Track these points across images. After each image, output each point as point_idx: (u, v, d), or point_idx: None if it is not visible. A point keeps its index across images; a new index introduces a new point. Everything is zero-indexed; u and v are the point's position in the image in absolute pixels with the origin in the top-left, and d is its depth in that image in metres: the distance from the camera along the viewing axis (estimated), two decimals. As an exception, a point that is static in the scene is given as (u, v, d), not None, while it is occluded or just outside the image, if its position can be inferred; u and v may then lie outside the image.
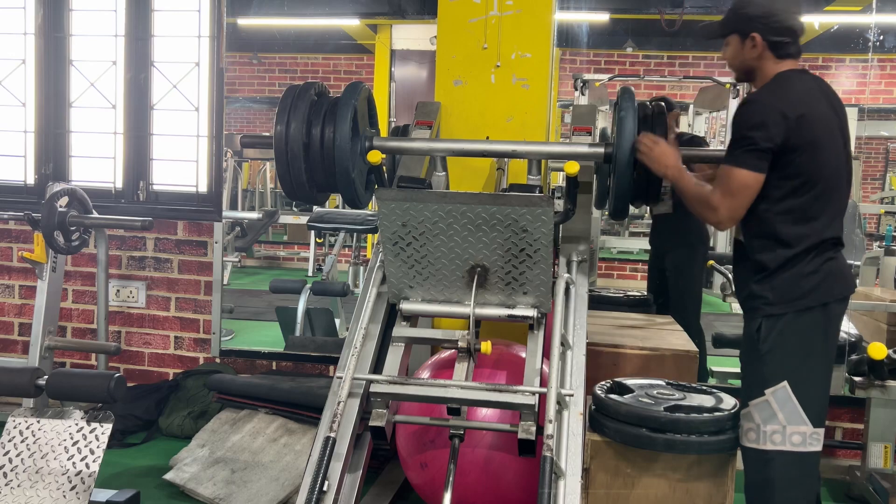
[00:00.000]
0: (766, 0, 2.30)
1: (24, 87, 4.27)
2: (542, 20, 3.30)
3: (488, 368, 2.63)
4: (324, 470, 2.08)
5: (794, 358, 2.24)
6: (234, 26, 6.96)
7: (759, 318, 2.27)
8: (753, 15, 2.30)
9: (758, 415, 2.26)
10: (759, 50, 2.30)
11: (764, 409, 2.25)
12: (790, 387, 2.23)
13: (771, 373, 2.25)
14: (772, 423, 2.24)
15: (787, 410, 2.22)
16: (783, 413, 2.23)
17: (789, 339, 2.24)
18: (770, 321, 2.25)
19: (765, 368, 2.26)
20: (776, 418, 2.23)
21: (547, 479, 1.91)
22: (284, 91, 2.66)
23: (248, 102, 10.08)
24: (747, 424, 2.29)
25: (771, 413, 2.24)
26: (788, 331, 2.24)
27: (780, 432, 2.23)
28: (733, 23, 2.35)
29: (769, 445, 2.24)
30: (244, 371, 4.14)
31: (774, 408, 2.23)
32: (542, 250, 2.19)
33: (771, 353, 2.25)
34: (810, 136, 2.20)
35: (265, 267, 8.84)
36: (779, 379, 2.23)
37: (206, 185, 4.17)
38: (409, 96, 7.84)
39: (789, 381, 2.23)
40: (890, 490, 3.18)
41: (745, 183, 2.22)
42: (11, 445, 2.68)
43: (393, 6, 6.59)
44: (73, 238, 3.51)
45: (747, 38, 2.31)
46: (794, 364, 2.24)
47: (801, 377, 2.24)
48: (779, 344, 2.24)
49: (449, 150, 2.82)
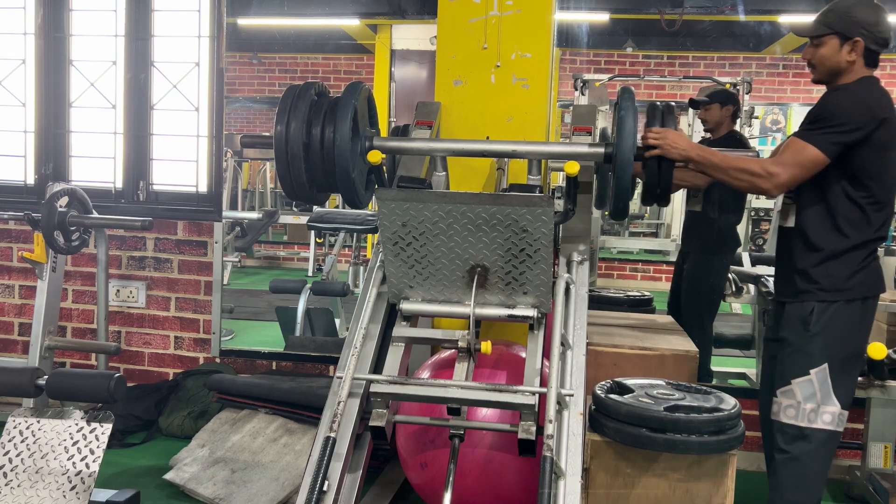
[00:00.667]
0: (873, 9, 2.40)
1: (24, 87, 4.27)
2: (542, 20, 3.30)
3: (488, 368, 2.63)
4: (324, 470, 2.07)
5: (838, 343, 2.41)
6: (234, 26, 6.95)
7: (811, 303, 2.42)
8: (861, 20, 2.37)
9: (800, 392, 2.41)
10: (856, 55, 2.39)
11: (806, 388, 2.41)
12: (829, 369, 2.39)
13: (818, 353, 2.41)
14: (811, 401, 2.40)
15: (823, 390, 2.40)
16: (821, 392, 2.40)
17: (836, 325, 2.41)
18: (822, 306, 2.41)
19: (812, 349, 2.41)
20: (815, 397, 2.40)
21: (547, 479, 1.91)
22: (284, 91, 2.66)
23: (248, 102, 10.09)
24: (787, 401, 2.44)
25: (812, 392, 2.40)
26: (837, 317, 2.41)
27: (816, 411, 2.40)
28: (838, 24, 2.40)
29: (805, 422, 2.41)
30: (244, 371, 4.14)
31: (816, 387, 2.40)
32: (542, 250, 2.19)
33: (819, 336, 2.41)
34: (889, 138, 2.35)
35: (265, 267, 8.85)
36: (822, 360, 2.40)
37: (206, 185, 4.17)
38: (409, 96, 7.84)
39: (829, 363, 2.40)
40: (890, 490, 3.18)
41: (815, 160, 2.34)
42: (11, 445, 2.68)
43: (393, 6, 6.59)
44: (73, 238, 3.51)
45: (848, 41, 2.38)
46: (836, 348, 2.41)
47: (839, 361, 2.41)
48: (828, 328, 2.41)
49: (449, 150, 2.82)
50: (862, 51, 2.38)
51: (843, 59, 2.40)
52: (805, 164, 2.34)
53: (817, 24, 2.43)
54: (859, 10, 2.37)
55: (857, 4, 2.38)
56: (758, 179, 2.38)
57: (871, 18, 2.37)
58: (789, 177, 2.36)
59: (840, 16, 2.39)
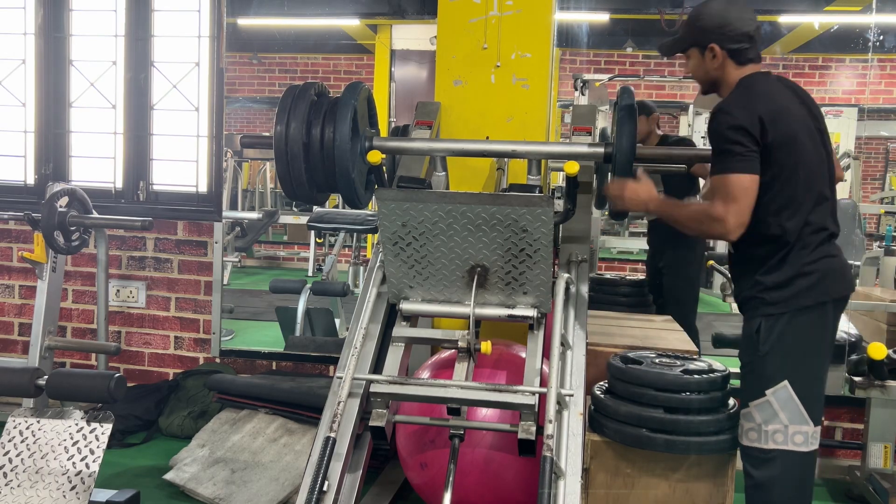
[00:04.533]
0: (719, 10, 2.33)
1: (24, 87, 4.27)
2: (542, 20, 3.30)
3: (488, 368, 2.63)
4: (324, 470, 2.08)
5: (794, 358, 2.24)
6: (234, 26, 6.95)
7: (757, 319, 2.27)
8: (708, 27, 2.32)
9: (759, 415, 2.25)
10: (719, 59, 2.33)
11: (765, 410, 2.24)
12: (791, 386, 2.22)
13: (771, 373, 2.24)
14: (773, 422, 2.23)
15: (789, 410, 2.22)
16: (785, 413, 2.22)
17: (788, 339, 2.24)
18: (769, 321, 2.25)
19: (765, 368, 2.25)
20: (778, 418, 2.23)
21: (547, 479, 1.91)
22: (284, 91, 2.66)
23: (248, 102, 10.08)
24: (748, 424, 2.28)
25: (772, 413, 2.23)
26: (787, 330, 2.23)
27: (783, 432, 2.23)
28: (690, 37, 2.38)
29: (771, 444, 2.24)
30: (244, 371, 4.14)
31: (776, 407, 2.23)
32: (542, 250, 2.20)
33: (771, 354, 2.24)
34: (786, 130, 2.22)
35: (265, 267, 8.85)
36: (779, 379, 2.23)
37: (206, 185, 4.17)
38: (409, 96, 7.84)
39: (790, 380, 2.22)
40: (890, 490, 3.18)
41: (743, 185, 2.20)
42: (11, 445, 2.68)
43: (393, 6, 6.58)
44: (73, 238, 3.51)
45: (706, 49, 2.34)
46: (794, 364, 2.24)
47: (800, 376, 2.24)
48: (778, 344, 2.24)
49: (449, 150, 2.82)
50: (722, 54, 2.32)
51: (710, 66, 2.36)
52: (738, 194, 2.19)
53: (674, 41, 2.44)
54: (704, 16, 2.34)
55: (703, 11, 2.36)
56: (715, 226, 2.22)
57: (716, 21, 2.31)
58: (734, 215, 2.19)
59: (690, 27, 2.38)
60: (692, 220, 2.33)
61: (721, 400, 2.51)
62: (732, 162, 2.21)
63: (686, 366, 2.52)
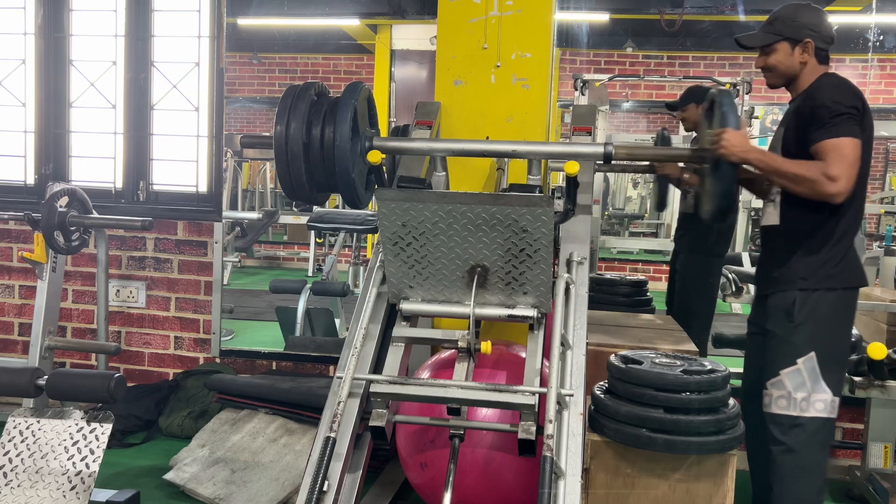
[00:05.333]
0: (812, 12, 2.53)
1: (24, 87, 4.27)
2: (542, 20, 3.30)
3: (488, 368, 2.63)
4: (324, 470, 2.07)
5: (823, 331, 2.45)
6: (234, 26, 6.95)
7: (793, 292, 2.47)
8: (806, 23, 2.51)
9: (789, 382, 2.45)
10: (808, 56, 2.51)
11: (795, 377, 2.45)
12: (816, 357, 2.43)
13: (802, 343, 2.45)
14: (801, 390, 2.44)
15: (812, 379, 2.44)
16: (810, 381, 2.44)
17: (820, 314, 2.45)
18: (804, 295, 2.45)
19: (797, 338, 2.46)
20: (805, 386, 2.44)
21: (547, 479, 1.91)
22: (284, 91, 2.65)
23: (248, 102, 10.09)
24: (777, 392, 2.48)
25: (801, 381, 2.44)
26: (820, 305, 2.45)
27: (807, 399, 2.44)
28: (786, 31, 2.52)
29: (798, 411, 2.45)
30: (244, 371, 4.14)
31: (804, 376, 2.44)
32: (542, 250, 2.19)
33: (804, 325, 2.45)
34: (871, 125, 2.43)
35: (265, 267, 8.86)
36: (808, 349, 2.44)
37: (206, 185, 4.17)
38: (409, 96, 7.84)
39: (816, 352, 2.44)
40: (890, 490, 3.18)
41: (858, 153, 2.35)
42: (11, 445, 2.68)
43: (393, 6, 6.59)
44: (73, 238, 3.51)
45: (799, 44, 2.51)
46: (822, 337, 2.45)
47: (827, 349, 2.45)
48: (811, 317, 2.45)
49: (449, 150, 2.82)
50: (813, 50, 2.50)
51: (797, 61, 2.52)
52: (854, 159, 2.34)
53: (765, 34, 2.56)
54: (802, 14, 2.52)
55: (799, 9, 2.54)
56: (827, 185, 2.33)
57: (814, 20, 2.51)
58: (848, 178, 2.34)
59: (785, 22, 2.53)
60: (800, 175, 2.38)
61: (721, 400, 2.51)
62: (851, 126, 2.35)
63: (686, 366, 2.52)
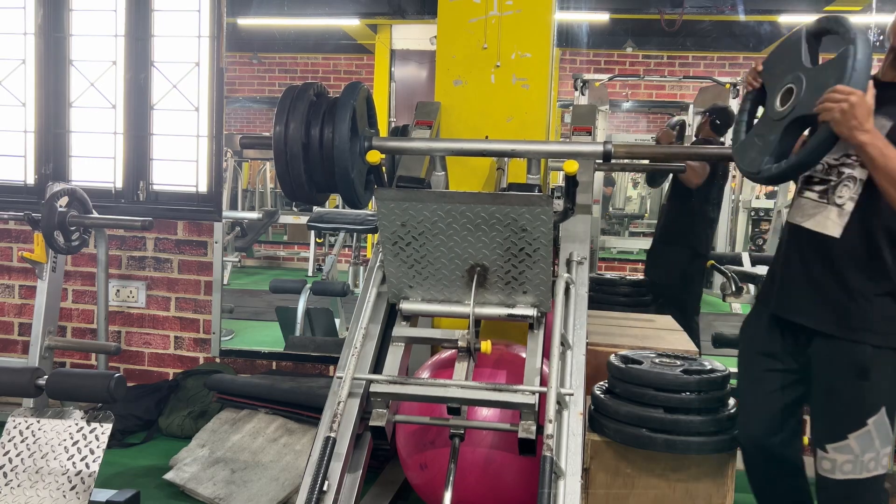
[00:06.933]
0: None
1: (24, 87, 4.27)
2: (542, 20, 3.30)
3: (488, 368, 2.63)
4: (324, 470, 2.07)
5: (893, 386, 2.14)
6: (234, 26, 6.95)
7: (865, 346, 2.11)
8: None
9: (858, 446, 2.13)
10: None
11: (864, 440, 2.12)
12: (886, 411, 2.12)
13: (874, 402, 2.12)
14: (870, 451, 2.12)
15: (882, 437, 2.12)
16: (879, 438, 2.12)
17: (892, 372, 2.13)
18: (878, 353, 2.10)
19: (870, 398, 2.12)
20: (874, 446, 2.12)
21: (547, 478, 1.91)
22: (283, 91, 2.65)
23: (248, 102, 10.09)
24: (843, 457, 2.14)
25: (870, 441, 2.12)
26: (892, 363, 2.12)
27: (875, 458, 2.13)
28: None
29: (865, 474, 2.13)
30: (244, 371, 4.14)
31: (874, 435, 2.12)
32: (542, 250, 2.19)
33: (879, 384, 2.11)
34: None
35: (265, 267, 8.85)
36: (879, 406, 2.12)
37: (206, 185, 4.17)
38: (409, 96, 7.84)
39: (886, 406, 2.12)
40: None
41: None
42: (11, 445, 2.68)
43: (393, 6, 6.59)
44: (73, 238, 3.51)
45: None
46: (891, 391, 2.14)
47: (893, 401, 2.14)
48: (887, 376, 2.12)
49: (448, 150, 2.82)
50: None
51: None
52: None
53: None
54: None
55: None
56: None
57: None
58: None
59: None
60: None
61: (721, 400, 2.51)
62: None
63: (686, 366, 2.52)
